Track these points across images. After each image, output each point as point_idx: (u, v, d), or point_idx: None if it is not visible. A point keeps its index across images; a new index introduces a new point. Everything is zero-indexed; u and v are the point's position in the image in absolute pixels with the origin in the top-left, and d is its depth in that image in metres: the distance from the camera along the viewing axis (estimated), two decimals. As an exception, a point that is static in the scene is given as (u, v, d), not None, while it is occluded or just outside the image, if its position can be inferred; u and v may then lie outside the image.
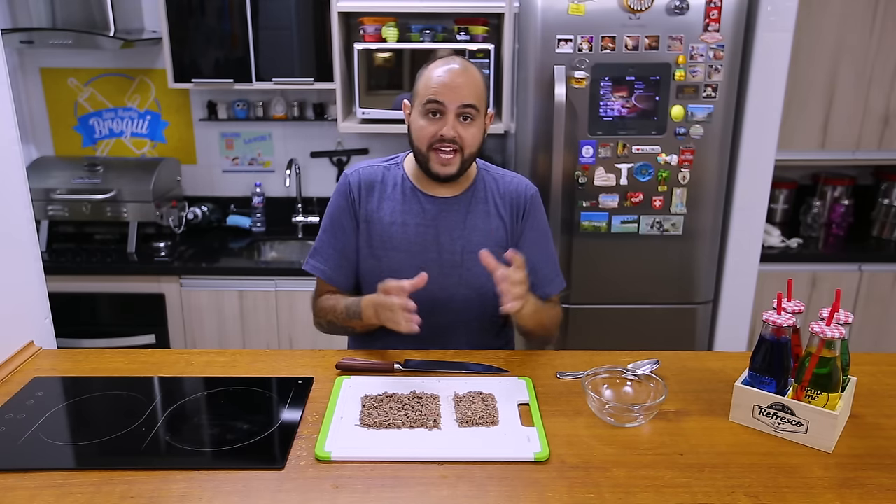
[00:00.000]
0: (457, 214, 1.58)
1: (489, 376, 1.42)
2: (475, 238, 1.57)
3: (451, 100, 1.45)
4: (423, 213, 1.57)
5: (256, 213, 3.13)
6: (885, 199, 3.08)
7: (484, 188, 1.61)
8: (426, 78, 1.49)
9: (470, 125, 1.49)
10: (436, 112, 1.47)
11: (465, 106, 1.46)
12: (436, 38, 2.78)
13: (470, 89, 1.47)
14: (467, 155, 1.51)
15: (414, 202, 1.58)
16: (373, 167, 1.62)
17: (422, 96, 1.48)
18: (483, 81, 1.51)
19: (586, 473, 1.10)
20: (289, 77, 2.75)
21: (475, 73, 1.50)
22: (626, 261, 2.53)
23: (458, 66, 1.48)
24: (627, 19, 2.31)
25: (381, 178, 1.60)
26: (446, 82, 1.45)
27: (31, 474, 1.10)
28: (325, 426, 1.22)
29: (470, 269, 1.56)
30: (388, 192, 1.59)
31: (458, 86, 1.45)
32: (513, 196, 1.61)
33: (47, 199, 2.85)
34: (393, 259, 1.57)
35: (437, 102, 1.46)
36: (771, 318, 1.20)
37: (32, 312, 1.62)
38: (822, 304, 1.61)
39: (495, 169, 1.66)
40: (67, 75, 3.06)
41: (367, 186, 1.59)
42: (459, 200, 1.58)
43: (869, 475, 1.10)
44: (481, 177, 1.62)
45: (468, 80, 1.47)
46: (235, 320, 2.76)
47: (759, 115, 2.47)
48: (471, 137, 1.49)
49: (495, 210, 1.60)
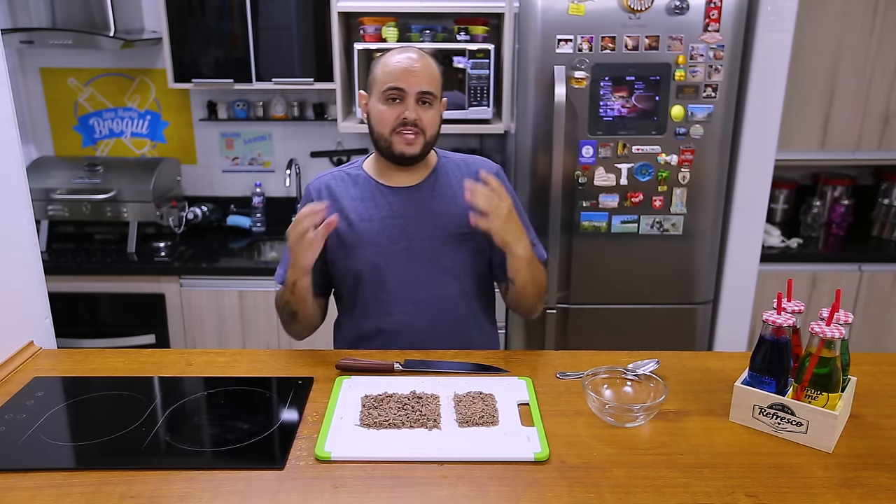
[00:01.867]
0: (422, 202, 1.59)
1: (489, 376, 1.42)
2: (443, 222, 1.58)
3: (410, 85, 1.49)
4: (388, 206, 1.59)
5: (256, 213, 3.13)
6: (885, 199, 3.08)
7: (447, 173, 1.63)
8: (384, 65, 1.52)
9: (429, 109, 1.53)
10: (396, 98, 1.50)
11: (423, 92, 1.50)
12: (436, 38, 2.78)
13: (428, 76, 1.51)
14: (429, 137, 1.54)
15: (377, 196, 1.60)
16: (333, 173, 1.66)
17: (381, 83, 1.51)
18: (438, 71, 1.56)
19: (586, 473, 1.10)
20: (289, 77, 2.75)
21: (431, 62, 1.55)
22: (625, 261, 2.53)
23: (415, 55, 1.53)
24: (627, 19, 2.31)
25: (342, 181, 1.63)
26: (405, 68, 1.50)
27: (31, 474, 1.10)
28: (325, 426, 1.22)
29: (443, 253, 1.58)
30: (350, 193, 1.61)
31: (417, 72, 1.50)
32: (477, 176, 1.60)
33: (47, 199, 2.85)
34: (365, 255, 1.58)
35: (398, 89, 1.49)
36: (771, 318, 1.20)
37: (32, 312, 1.62)
38: (822, 304, 1.61)
39: (456, 155, 1.69)
40: (67, 75, 3.06)
41: (329, 192, 1.62)
42: (422, 188, 1.60)
43: (869, 475, 1.10)
44: (442, 163, 1.65)
45: (425, 68, 1.52)
46: (235, 320, 2.76)
47: (759, 115, 2.47)
48: (430, 119, 1.53)
49: (461, 192, 1.57)
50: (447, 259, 1.58)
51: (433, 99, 1.52)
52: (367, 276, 1.58)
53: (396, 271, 1.57)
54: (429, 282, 1.58)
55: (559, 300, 2.55)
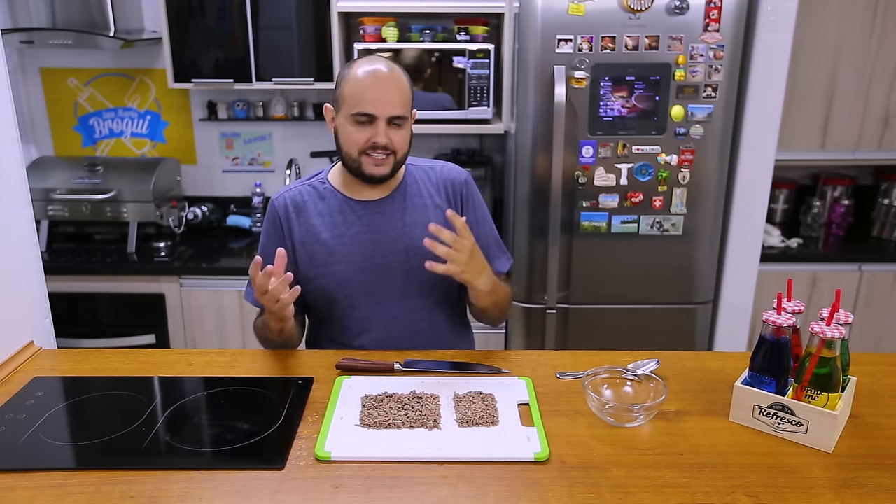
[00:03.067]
0: (392, 214, 1.56)
1: (489, 376, 1.42)
2: (417, 233, 1.54)
3: (381, 111, 1.44)
4: (359, 221, 1.55)
5: (256, 213, 3.13)
6: (885, 199, 3.08)
7: (416, 182, 1.60)
8: (353, 87, 1.45)
9: (400, 129, 1.48)
10: (365, 122, 1.45)
11: (394, 117, 1.46)
12: (436, 38, 2.78)
13: (398, 97, 1.45)
14: (400, 157, 1.51)
15: (347, 212, 1.56)
16: (297, 188, 1.60)
17: (349, 105, 1.45)
18: (408, 84, 1.50)
19: (586, 473, 1.10)
20: (289, 77, 2.75)
21: (401, 78, 1.48)
22: (626, 261, 2.53)
23: (384, 71, 1.45)
24: (627, 19, 2.31)
25: (310, 197, 1.58)
26: (377, 96, 1.44)
27: (31, 474, 1.10)
28: (325, 426, 1.22)
29: (418, 266, 1.52)
30: (319, 209, 1.57)
31: (387, 95, 1.44)
32: (447, 184, 1.60)
33: (47, 199, 2.85)
34: (339, 273, 1.54)
35: (367, 115, 1.44)
36: (771, 318, 1.20)
37: (32, 312, 1.62)
38: (822, 304, 1.61)
39: (422, 161, 1.66)
40: (67, 75, 3.06)
41: (297, 209, 1.57)
42: (392, 199, 1.57)
43: (869, 475, 1.10)
44: (410, 172, 1.61)
45: (395, 88, 1.45)
46: (235, 320, 2.76)
47: (759, 115, 2.47)
48: (401, 140, 1.49)
49: (432, 201, 1.58)
50: (421, 270, 1.51)
51: (404, 121, 1.48)
52: (341, 295, 1.55)
53: (372, 287, 1.55)
54: (405, 293, 1.57)
55: (559, 300, 2.55)
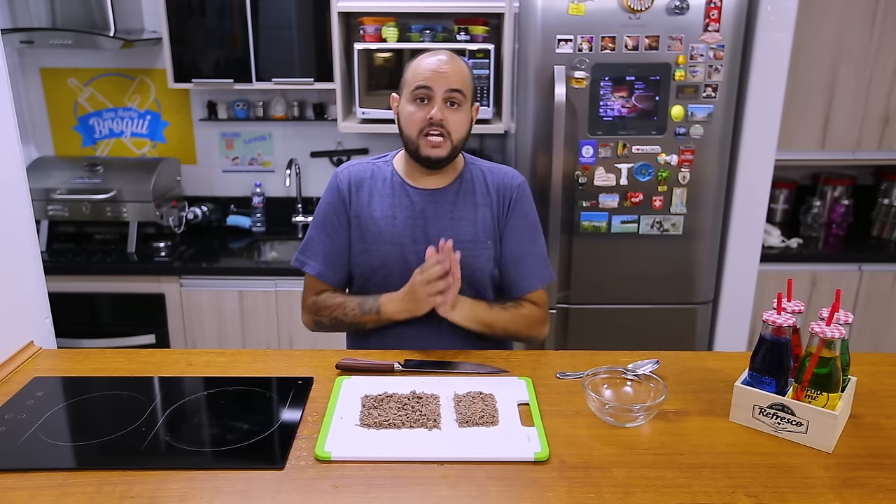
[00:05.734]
0: (444, 206, 1.60)
1: (489, 376, 1.42)
2: (463, 228, 1.59)
3: (438, 84, 1.50)
4: (412, 206, 1.59)
5: (256, 213, 3.13)
6: (885, 199, 3.08)
7: (472, 179, 1.63)
8: (414, 66, 1.55)
9: (457, 111, 1.53)
10: (424, 98, 1.52)
11: (452, 90, 1.51)
12: (436, 38, 2.78)
13: (457, 76, 1.52)
14: (455, 141, 1.54)
15: (402, 195, 1.60)
16: (363, 164, 1.66)
17: (410, 83, 1.53)
18: (469, 73, 1.57)
19: (586, 473, 1.10)
20: (289, 77, 2.75)
21: (462, 64, 1.56)
22: (626, 261, 2.53)
23: (445, 56, 1.54)
24: (627, 19, 2.31)
25: (371, 175, 1.64)
26: (434, 68, 1.51)
27: (31, 474, 1.10)
28: (325, 426, 1.22)
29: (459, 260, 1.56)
30: (377, 188, 1.62)
31: (446, 72, 1.51)
32: (500, 186, 1.63)
33: (47, 199, 2.85)
34: (382, 252, 1.58)
35: (426, 88, 1.51)
36: (771, 318, 1.20)
37: (32, 312, 1.62)
38: (822, 304, 1.61)
39: (483, 162, 1.69)
40: (67, 75, 3.06)
41: (357, 183, 1.63)
42: (447, 192, 1.61)
43: (869, 475, 1.10)
44: (468, 169, 1.65)
45: (455, 68, 1.53)
46: (235, 320, 2.76)
47: (759, 115, 2.47)
48: (457, 122, 1.53)
49: (483, 200, 1.62)
50: (463, 263, 1.55)
51: (462, 99, 1.53)
52: (380, 275, 1.59)
53: (410, 274, 1.55)
54: None
55: (559, 300, 2.55)
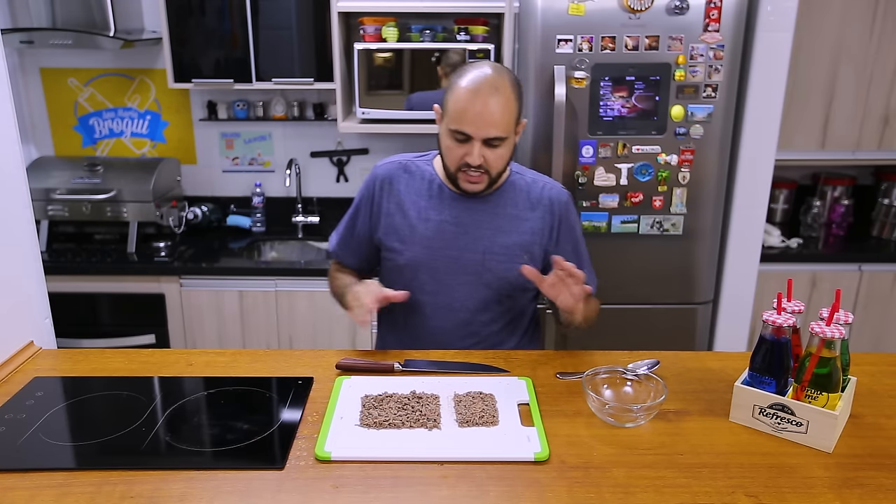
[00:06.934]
0: (483, 215, 1.56)
1: (489, 376, 1.42)
2: (500, 240, 1.55)
3: (477, 130, 1.41)
4: (448, 210, 1.56)
5: (256, 213, 3.13)
6: (885, 199, 3.08)
7: (514, 191, 1.58)
8: (456, 98, 1.43)
9: (497, 148, 1.45)
10: (463, 140, 1.44)
11: (491, 138, 1.43)
12: (436, 38, 2.78)
13: (499, 118, 1.41)
14: (495, 175, 1.50)
15: (439, 199, 1.57)
16: (402, 161, 1.63)
17: (450, 117, 1.44)
18: (514, 98, 1.44)
19: (586, 473, 1.10)
20: (289, 77, 2.75)
21: (507, 97, 1.42)
22: (626, 261, 2.53)
23: (488, 87, 1.40)
24: (627, 19, 2.31)
25: (410, 172, 1.61)
26: (478, 111, 1.40)
27: (31, 474, 1.10)
28: (325, 426, 1.22)
29: (491, 270, 1.55)
30: (415, 186, 1.59)
31: (486, 116, 1.40)
32: (545, 203, 1.58)
33: (47, 199, 2.85)
34: (413, 253, 1.56)
35: (464, 134, 1.43)
36: (771, 318, 1.20)
37: (32, 312, 1.62)
38: (822, 304, 1.61)
39: (528, 172, 1.64)
40: (67, 75, 3.06)
41: (390, 182, 1.60)
42: (487, 201, 1.57)
43: (869, 475, 1.10)
44: (512, 180, 1.60)
45: (497, 107, 1.40)
46: (235, 320, 2.76)
47: (759, 115, 2.47)
48: (498, 160, 1.47)
49: (525, 214, 1.57)
50: (493, 276, 1.54)
51: (502, 141, 1.44)
52: (408, 275, 1.57)
53: (440, 277, 1.55)
54: (470, 294, 1.56)
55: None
